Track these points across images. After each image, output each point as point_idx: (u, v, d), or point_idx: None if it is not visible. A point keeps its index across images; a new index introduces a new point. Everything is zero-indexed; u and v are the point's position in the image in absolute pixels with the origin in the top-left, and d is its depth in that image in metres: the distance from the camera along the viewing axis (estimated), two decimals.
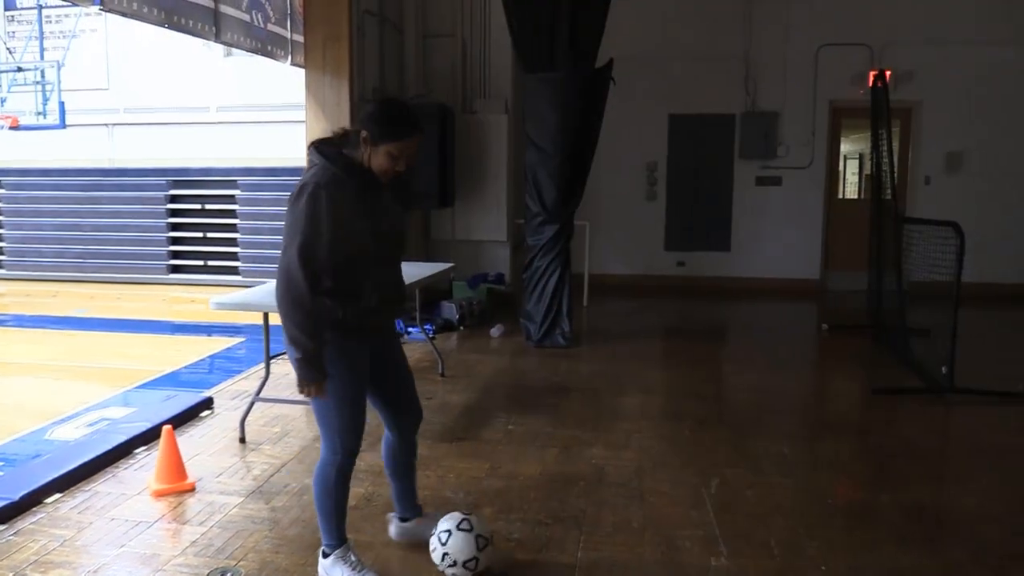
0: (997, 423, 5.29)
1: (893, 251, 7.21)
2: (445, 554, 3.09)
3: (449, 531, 3.10)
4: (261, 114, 12.76)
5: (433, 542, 3.14)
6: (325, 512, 3.09)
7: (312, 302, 2.77)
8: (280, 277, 2.80)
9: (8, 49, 12.61)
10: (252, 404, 4.76)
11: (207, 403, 5.26)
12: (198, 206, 13.26)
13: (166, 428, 4.06)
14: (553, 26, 6.93)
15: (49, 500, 3.82)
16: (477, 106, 8.94)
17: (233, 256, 13.02)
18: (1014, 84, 9.95)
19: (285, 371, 6.06)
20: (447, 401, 5.52)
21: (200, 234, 13.27)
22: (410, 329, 7.18)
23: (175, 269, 13.33)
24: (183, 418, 4.95)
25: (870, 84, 8.00)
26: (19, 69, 12.39)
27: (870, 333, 7.67)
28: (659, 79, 10.33)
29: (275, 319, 4.78)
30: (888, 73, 8.54)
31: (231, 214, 13.03)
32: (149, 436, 4.55)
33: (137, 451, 4.47)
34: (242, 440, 4.66)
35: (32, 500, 3.75)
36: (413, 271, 5.89)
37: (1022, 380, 5.69)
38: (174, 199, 13.33)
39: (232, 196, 13.02)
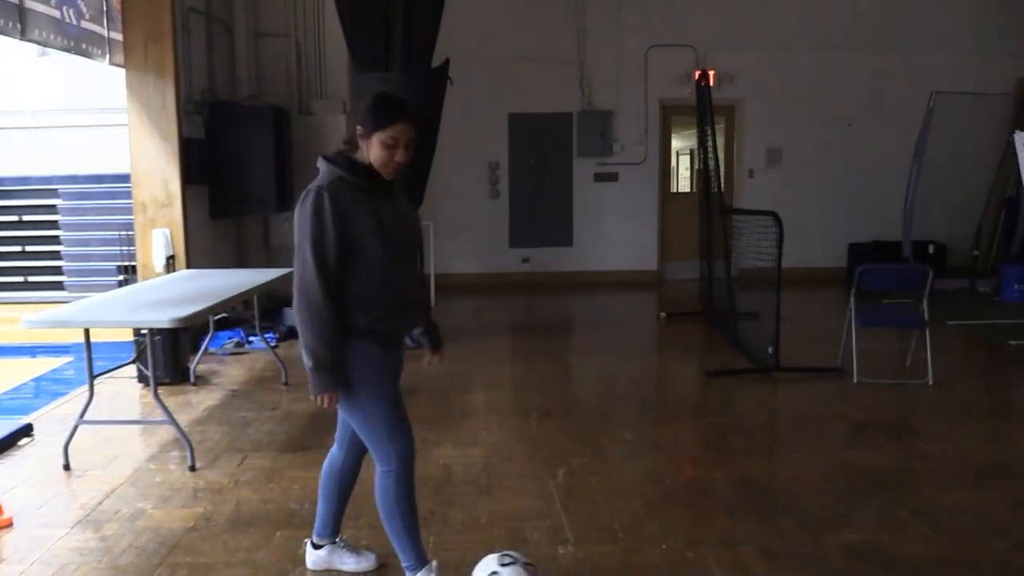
0: (817, 397, 5.70)
1: (721, 241, 7.63)
2: None
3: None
4: (83, 117, 11.93)
5: None
6: (396, 532, 2.94)
7: (329, 308, 2.70)
8: (296, 284, 2.74)
9: None
10: (76, 428, 4.44)
11: (26, 430, 4.87)
12: (15, 218, 12.25)
13: None
14: (387, 26, 6.86)
15: None
16: (314, 107, 8.73)
17: (57, 271, 12.12)
18: (825, 84, 10.75)
19: (113, 390, 5.73)
20: (291, 410, 5.37)
21: (19, 248, 12.26)
22: (251, 339, 6.94)
23: None
24: None
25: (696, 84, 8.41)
26: None
27: (704, 319, 8.07)
28: (497, 79, 10.46)
29: (98, 335, 4.52)
30: (712, 73, 9.03)
31: (53, 225, 12.13)
32: None
33: None
34: (66, 467, 4.35)
35: None
36: (251, 278, 5.70)
37: (838, 356, 6.15)
38: None
39: (53, 206, 12.12)
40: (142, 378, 5.86)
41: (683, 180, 11.85)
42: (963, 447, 4.69)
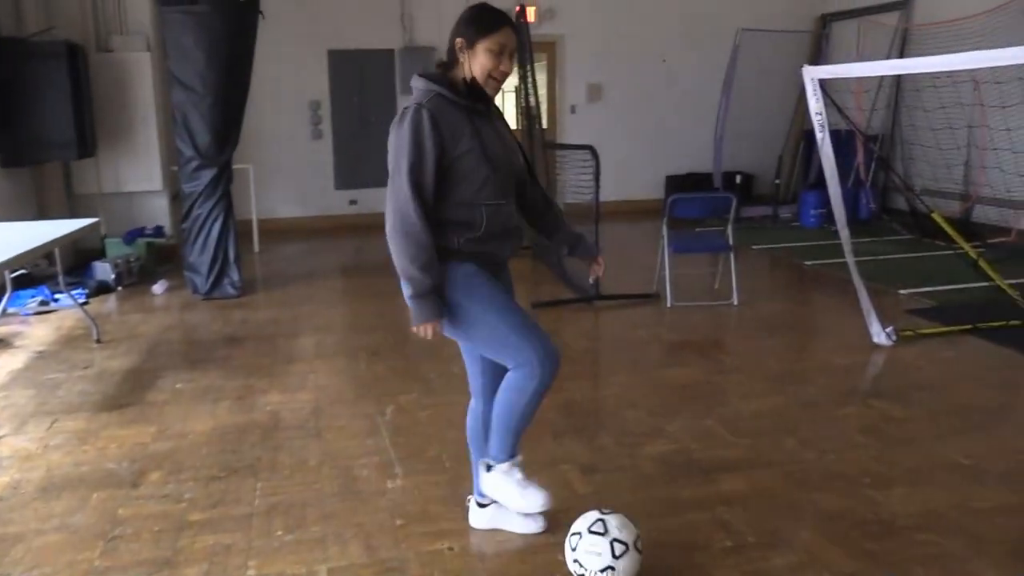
0: (634, 321, 6.03)
1: (544, 177, 7.80)
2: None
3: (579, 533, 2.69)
4: None
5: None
6: (510, 427, 2.77)
7: (426, 233, 2.56)
8: (389, 207, 2.59)
9: None
10: None
11: None
12: None
13: None
14: None
15: None
16: (114, 43, 8.11)
17: None
18: (641, 20, 11.07)
19: None
20: (106, 368, 5.10)
21: None
22: (56, 296, 6.48)
23: None
24: None
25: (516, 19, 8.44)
26: None
27: (531, 253, 8.26)
28: (314, 14, 10.08)
29: None
30: (532, 9, 9.10)
31: None
32: None
33: None
34: None
35: None
36: (50, 230, 5.31)
37: (654, 282, 6.50)
38: None
39: None
40: None
41: (509, 117, 11.95)
42: (763, 359, 5.12)
